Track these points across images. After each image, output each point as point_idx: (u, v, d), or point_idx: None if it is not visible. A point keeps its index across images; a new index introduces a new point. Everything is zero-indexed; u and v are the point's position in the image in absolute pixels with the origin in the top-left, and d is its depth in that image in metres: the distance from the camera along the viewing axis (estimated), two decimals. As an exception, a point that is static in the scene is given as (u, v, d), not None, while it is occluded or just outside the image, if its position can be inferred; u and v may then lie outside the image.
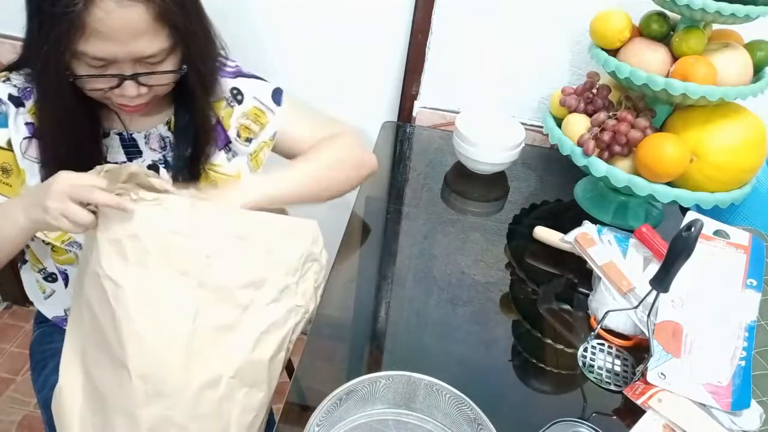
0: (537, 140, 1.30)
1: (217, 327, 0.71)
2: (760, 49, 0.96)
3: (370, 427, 0.66)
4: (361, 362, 0.79)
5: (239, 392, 0.73)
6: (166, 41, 0.71)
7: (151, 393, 0.68)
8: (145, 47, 0.70)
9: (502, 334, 0.84)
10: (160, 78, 0.74)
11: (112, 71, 0.71)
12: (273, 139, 0.94)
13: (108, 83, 0.72)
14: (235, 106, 0.90)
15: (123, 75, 0.71)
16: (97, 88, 0.72)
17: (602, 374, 0.78)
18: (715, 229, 0.87)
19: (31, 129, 0.77)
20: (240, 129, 0.91)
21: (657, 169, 0.92)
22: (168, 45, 0.72)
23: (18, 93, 0.76)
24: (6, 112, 0.75)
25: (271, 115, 0.93)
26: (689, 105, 0.95)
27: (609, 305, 0.82)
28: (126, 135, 0.84)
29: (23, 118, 0.77)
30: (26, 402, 1.57)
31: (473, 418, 0.63)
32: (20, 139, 0.77)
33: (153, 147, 0.86)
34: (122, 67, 0.71)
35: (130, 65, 0.71)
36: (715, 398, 0.71)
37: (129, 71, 0.71)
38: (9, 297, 1.82)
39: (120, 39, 0.68)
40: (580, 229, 0.92)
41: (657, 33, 0.98)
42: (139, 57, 0.70)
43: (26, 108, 0.77)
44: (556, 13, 1.17)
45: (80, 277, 0.73)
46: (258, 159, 0.94)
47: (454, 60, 1.26)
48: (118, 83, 0.72)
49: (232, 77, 0.90)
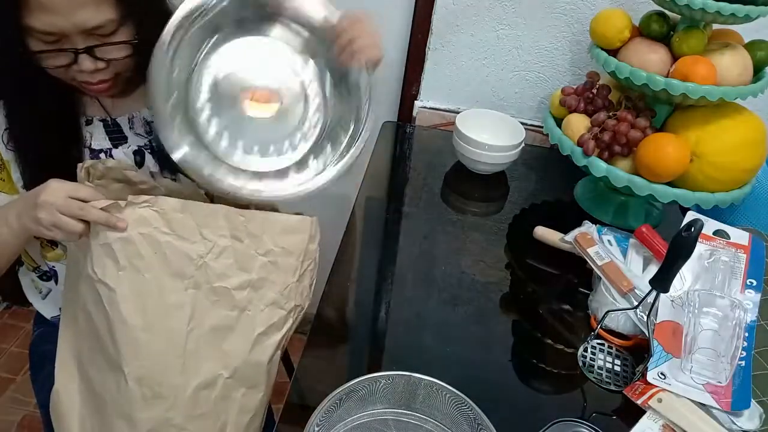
0: (537, 140, 1.30)
1: (213, 328, 0.71)
2: (760, 49, 0.96)
3: (370, 427, 0.66)
4: (361, 362, 0.79)
5: (237, 392, 0.73)
6: (112, 12, 0.70)
7: (149, 396, 0.68)
8: (89, 18, 0.68)
9: (502, 334, 0.84)
10: (113, 51, 0.72)
11: (65, 46, 0.70)
12: None
13: (65, 59, 0.70)
14: None
15: (76, 49, 0.70)
16: (56, 65, 0.71)
17: (602, 374, 0.78)
18: (715, 229, 0.87)
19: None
20: None
21: (657, 169, 0.92)
22: (115, 16, 0.70)
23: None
24: None
25: None
26: (689, 105, 0.95)
27: (609, 305, 0.82)
28: (109, 120, 0.83)
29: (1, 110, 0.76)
30: (26, 402, 1.57)
31: (473, 418, 0.63)
32: (1, 130, 0.76)
33: (138, 132, 0.85)
34: (74, 41, 0.69)
35: (81, 39, 0.70)
36: (715, 398, 0.71)
37: (81, 45, 0.70)
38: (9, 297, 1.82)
39: (62, 11, 0.66)
40: (580, 229, 0.92)
41: (657, 33, 0.98)
42: (85, 29, 0.69)
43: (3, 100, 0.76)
44: (557, 13, 1.17)
45: (73, 279, 0.72)
46: None
47: (454, 60, 1.26)
48: (73, 59, 0.70)
49: None
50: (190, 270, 0.69)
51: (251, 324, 0.73)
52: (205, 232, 0.70)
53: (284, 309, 0.75)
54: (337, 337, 0.82)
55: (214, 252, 0.71)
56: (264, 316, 0.73)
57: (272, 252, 0.74)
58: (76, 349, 0.75)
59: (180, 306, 0.69)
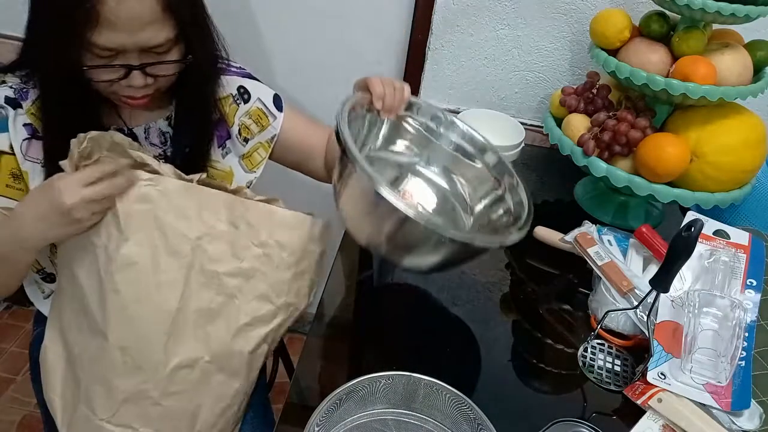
0: (537, 140, 1.30)
1: (200, 310, 0.72)
2: (760, 49, 0.96)
3: (370, 427, 0.66)
4: (361, 362, 0.79)
5: (215, 378, 0.74)
6: (171, 31, 0.72)
7: (130, 365, 0.70)
8: (153, 37, 0.70)
9: (502, 334, 0.84)
10: (166, 68, 0.75)
11: (119, 62, 0.71)
12: (271, 142, 0.95)
13: (116, 74, 0.72)
14: (241, 105, 0.92)
15: (131, 65, 0.72)
16: (105, 79, 0.73)
17: (602, 374, 0.78)
18: (715, 229, 0.87)
19: (30, 130, 0.77)
20: (241, 127, 0.92)
21: (657, 169, 0.92)
22: (173, 35, 0.73)
23: (14, 95, 0.76)
24: (6, 116, 0.76)
25: (272, 118, 0.95)
26: (689, 105, 0.95)
27: (609, 305, 0.82)
28: (126, 130, 0.84)
29: (21, 119, 0.77)
30: (26, 402, 1.57)
31: (473, 418, 0.63)
32: (20, 141, 0.77)
33: (153, 142, 0.86)
34: (129, 58, 0.71)
35: (136, 56, 0.71)
36: (715, 398, 0.71)
37: (136, 62, 0.72)
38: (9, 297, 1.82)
39: (129, 29, 0.68)
40: (580, 229, 0.92)
41: (657, 33, 0.98)
42: (146, 47, 0.71)
43: (24, 109, 0.77)
44: (557, 13, 1.17)
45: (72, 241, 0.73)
46: (252, 159, 0.95)
47: (454, 60, 1.26)
48: (125, 74, 0.72)
49: (240, 76, 0.92)
50: (186, 249, 0.70)
51: (237, 312, 0.74)
52: (204, 215, 0.71)
53: (273, 304, 0.76)
54: (337, 337, 0.82)
55: (211, 235, 0.71)
56: (251, 307, 0.74)
57: (267, 244, 0.75)
58: (57, 310, 0.76)
59: (172, 284, 0.70)
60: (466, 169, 0.89)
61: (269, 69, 1.39)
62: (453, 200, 0.89)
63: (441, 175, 0.91)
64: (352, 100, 0.78)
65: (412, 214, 0.64)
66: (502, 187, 0.85)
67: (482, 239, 0.73)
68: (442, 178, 0.91)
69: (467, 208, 0.88)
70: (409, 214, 0.64)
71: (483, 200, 0.87)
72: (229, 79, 0.90)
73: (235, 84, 0.91)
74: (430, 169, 0.91)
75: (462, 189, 0.89)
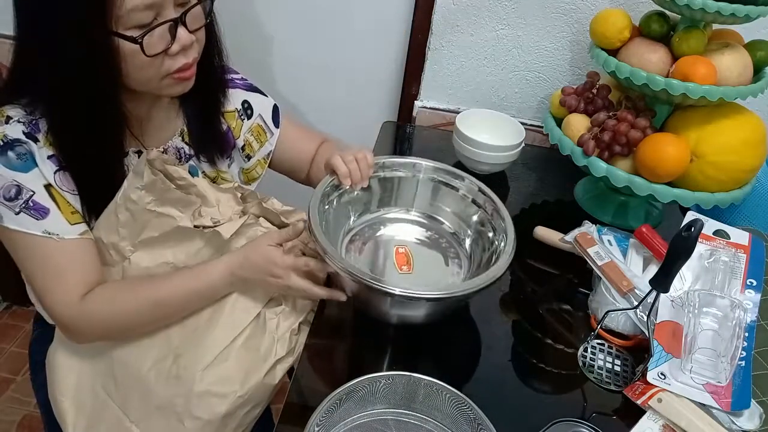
0: (537, 140, 1.30)
1: (245, 345, 0.78)
2: (760, 49, 0.96)
3: (370, 427, 0.66)
4: (361, 362, 0.79)
5: (242, 410, 0.78)
6: None
7: (173, 374, 0.75)
8: None
9: (502, 334, 0.84)
10: (197, 20, 0.72)
11: (161, 20, 0.67)
12: (267, 158, 0.98)
13: (163, 42, 0.68)
14: (245, 120, 0.93)
15: (174, 19, 0.68)
16: (159, 50, 0.68)
17: (602, 374, 0.78)
18: (715, 229, 0.87)
19: (56, 161, 0.73)
20: (246, 144, 0.94)
21: (657, 169, 0.92)
22: None
23: (28, 129, 0.71)
24: (32, 151, 0.71)
25: (269, 134, 0.97)
26: (689, 105, 0.95)
27: (609, 305, 0.82)
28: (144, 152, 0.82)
29: (44, 152, 0.72)
30: (26, 402, 1.57)
31: (473, 418, 0.63)
32: (52, 175, 0.73)
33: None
34: (167, 15, 0.68)
35: (173, 11, 0.68)
36: (715, 398, 0.71)
37: (174, 15, 0.68)
38: (9, 297, 1.82)
39: None
40: (580, 229, 0.92)
41: (657, 33, 0.98)
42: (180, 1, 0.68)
43: (41, 142, 0.72)
44: (557, 13, 1.17)
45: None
46: (250, 175, 0.97)
47: (454, 60, 1.26)
48: (170, 39, 0.68)
49: (243, 89, 0.93)
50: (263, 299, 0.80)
51: (273, 347, 0.79)
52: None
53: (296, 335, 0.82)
54: (337, 337, 0.82)
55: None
56: (281, 346, 0.80)
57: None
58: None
59: (243, 317, 0.78)
60: (449, 198, 0.91)
61: (269, 71, 1.39)
62: (446, 238, 0.91)
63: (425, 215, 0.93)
64: (322, 188, 0.82)
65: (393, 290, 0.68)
66: (485, 211, 0.87)
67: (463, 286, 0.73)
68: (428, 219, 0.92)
69: (460, 241, 0.90)
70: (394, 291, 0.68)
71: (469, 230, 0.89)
72: (234, 93, 0.91)
73: (240, 98, 0.92)
74: (411, 213, 0.93)
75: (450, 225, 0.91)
